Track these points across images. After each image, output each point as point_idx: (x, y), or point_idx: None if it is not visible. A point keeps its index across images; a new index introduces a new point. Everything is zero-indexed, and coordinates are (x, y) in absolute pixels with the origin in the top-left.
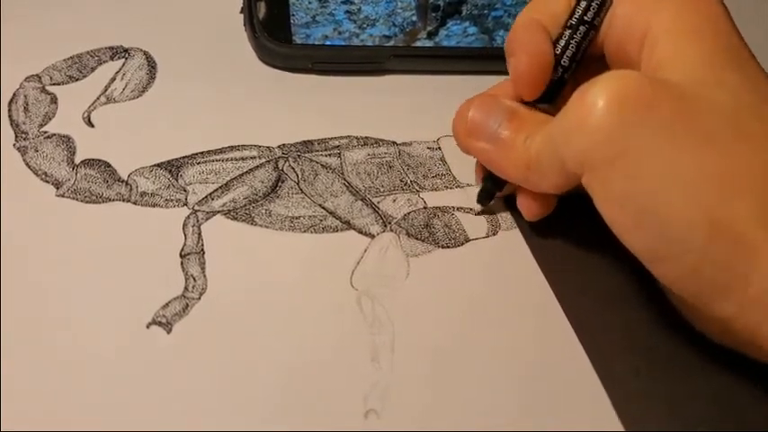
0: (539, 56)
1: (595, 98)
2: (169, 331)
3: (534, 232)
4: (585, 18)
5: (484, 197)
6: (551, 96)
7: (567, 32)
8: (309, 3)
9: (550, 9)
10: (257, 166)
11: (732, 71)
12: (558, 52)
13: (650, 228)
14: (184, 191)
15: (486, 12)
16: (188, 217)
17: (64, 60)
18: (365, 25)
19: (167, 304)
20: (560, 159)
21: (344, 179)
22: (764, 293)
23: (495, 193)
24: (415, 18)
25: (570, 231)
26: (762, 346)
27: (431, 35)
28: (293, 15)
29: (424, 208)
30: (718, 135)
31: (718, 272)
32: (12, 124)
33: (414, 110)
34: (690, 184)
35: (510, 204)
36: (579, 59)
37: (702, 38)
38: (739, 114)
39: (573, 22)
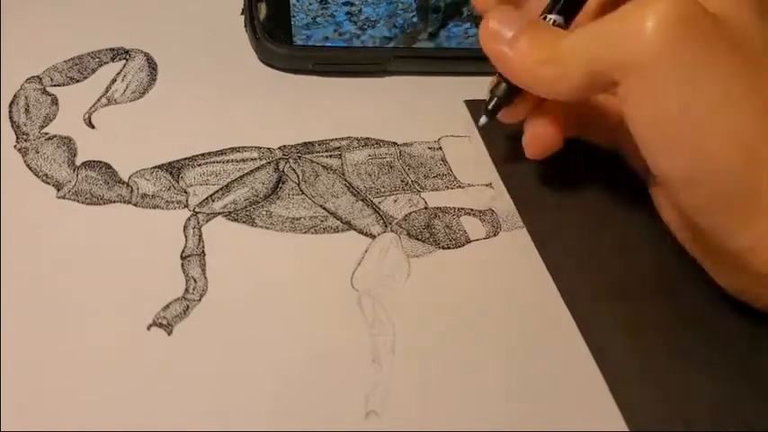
0: None
1: (660, 7)
2: (170, 333)
3: (540, 230)
4: None
5: (493, 108)
6: (570, 9)
7: None
8: (310, 4)
9: None
10: (258, 168)
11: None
12: None
13: (689, 148)
14: (185, 192)
15: None
16: (189, 219)
17: (65, 62)
18: (366, 26)
19: (168, 306)
20: (595, 58)
21: (345, 180)
22: None
23: (504, 104)
24: (415, 19)
25: (575, 228)
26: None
27: (431, 36)
28: (294, 17)
29: (425, 208)
30: (764, 77)
31: (747, 197)
32: (12, 125)
33: (414, 111)
34: (736, 110)
35: (515, 200)
36: None
37: None
38: None
39: None
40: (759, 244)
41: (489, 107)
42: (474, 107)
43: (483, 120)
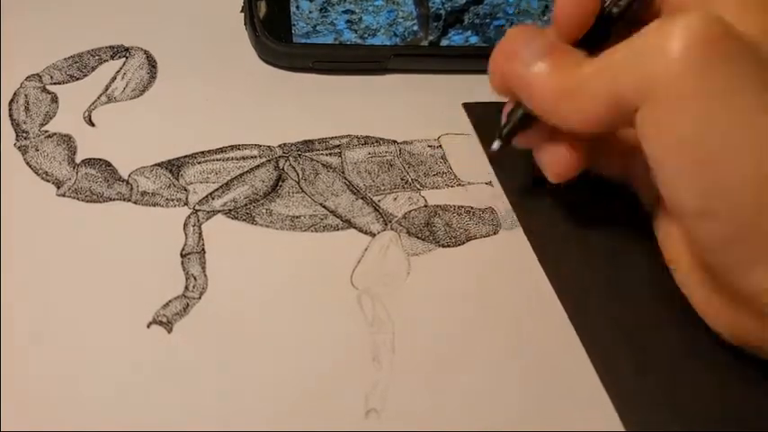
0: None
1: (683, 27)
2: (170, 331)
3: (536, 230)
4: None
5: (508, 134)
6: (593, 43)
7: None
8: (310, 12)
9: None
10: (258, 166)
11: None
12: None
13: (708, 177)
14: (185, 190)
15: (487, 21)
16: (189, 216)
17: (64, 59)
18: (366, 35)
19: (168, 304)
20: (616, 84)
21: (345, 178)
22: None
23: (519, 130)
24: (416, 27)
25: (572, 228)
26: None
27: (432, 45)
28: (294, 25)
29: (425, 206)
30: None
31: (765, 235)
32: (12, 123)
33: (414, 109)
34: (759, 138)
35: (513, 201)
36: (626, 8)
37: (765, 8)
38: None
39: None
40: None
41: (504, 132)
42: (472, 110)
43: (496, 145)
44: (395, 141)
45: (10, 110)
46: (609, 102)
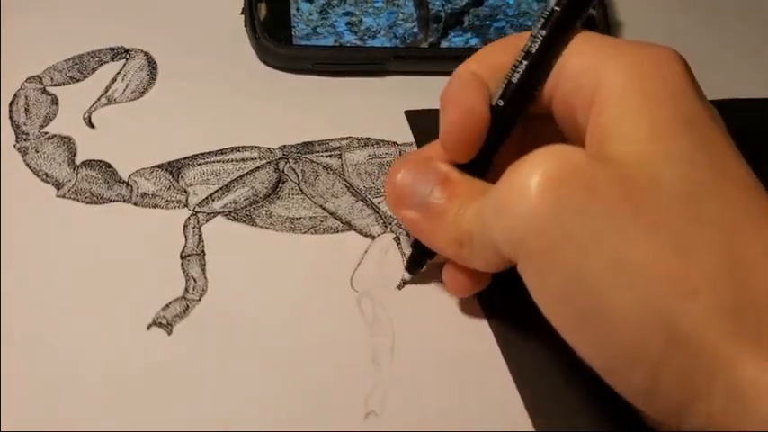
0: (470, 114)
1: (527, 178)
2: (170, 332)
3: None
4: (517, 75)
5: (413, 265)
6: (484, 162)
7: (500, 90)
8: (310, 14)
9: (493, 62)
10: (258, 168)
11: (689, 143)
12: (495, 111)
13: (594, 331)
14: (185, 192)
15: (487, 23)
16: (188, 218)
17: (65, 61)
18: (366, 37)
19: (168, 305)
20: (491, 239)
21: (345, 180)
22: (727, 410)
23: (426, 261)
24: (416, 29)
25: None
26: None
27: (432, 47)
28: (294, 27)
29: None
30: (669, 221)
31: (678, 386)
32: (12, 125)
33: None
34: (639, 280)
35: None
36: (514, 121)
37: (657, 105)
38: (693, 195)
39: (507, 79)
40: (707, 424)
41: (407, 267)
42: (413, 118)
43: (407, 276)
44: (395, 143)
45: (10, 111)
46: (494, 253)
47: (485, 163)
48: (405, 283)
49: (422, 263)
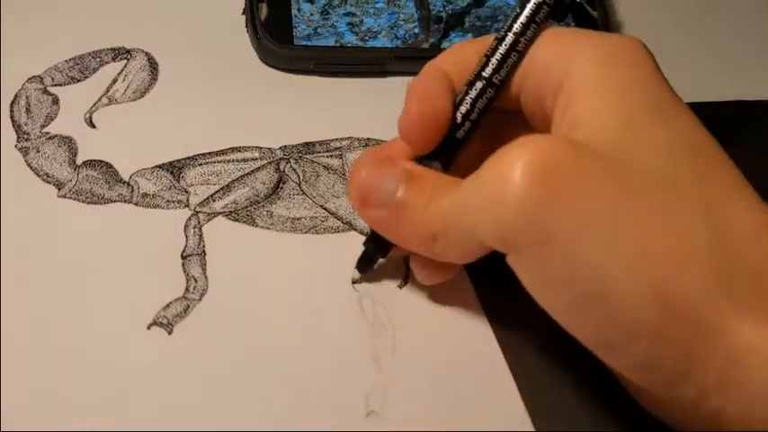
0: (430, 106)
1: (513, 168)
2: (170, 332)
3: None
4: (483, 74)
5: (365, 264)
6: (446, 155)
7: (464, 88)
8: (311, 15)
9: (460, 60)
10: (259, 168)
11: (663, 128)
12: (457, 108)
13: (594, 313)
14: (186, 192)
15: (488, 24)
16: (189, 218)
17: (66, 61)
18: (367, 37)
19: (168, 305)
20: (473, 233)
21: (346, 180)
22: (725, 377)
23: (378, 259)
24: (417, 30)
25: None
26: (722, 430)
27: (433, 47)
28: (295, 27)
29: None
30: (656, 203)
31: (674, 357)
32: (13, 125)
33: None
34: (634, 261)
35: None
36: (476, 118)
37: (627, 92)
38: (676, 176)
39: (471, 77)
40: (703, 396)
41: (358, 265)
42: None
43: (356, 275)
44: None
45: (11, 111)
46: (472, 245)
47: (448, 158)
48: (354, 282)
49: (373, 262)
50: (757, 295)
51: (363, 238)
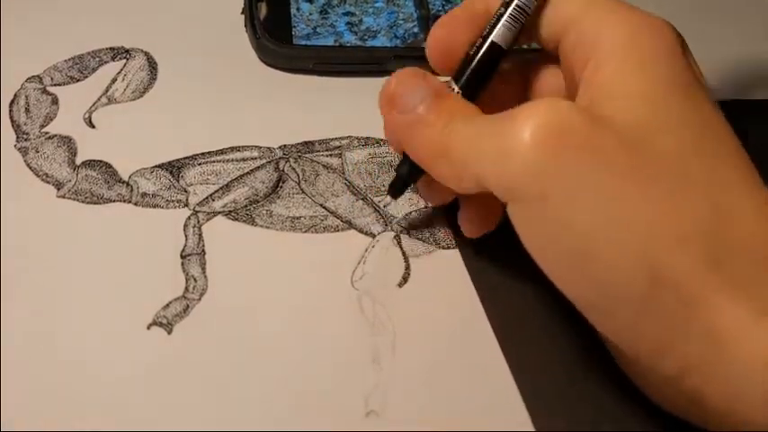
0: (450, 28)
1: (525, 125)
2: (170, 332)
3: (474, 255)
4: (500, 12)
5: (397, 188)
6: (471, 86)
7: (492, 19)
8: (310, 14)
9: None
10: (258, 167)
11: (682, 105)
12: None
13: (585, 272)
14: (185, 192)
15: None
16: (189, 218)
17: (65, 61)
18: (366, 37)
19: (168, 305)
20: (481, 177)
21: (345, 179)
22: (706, 354)
23: (410, 183)
24: (416, 29)
25: (511, 254)
26: (705, 412)
27: None
28: (294, 27)
29: (426, 207)
30: (661, 177)
31: (659, 327)
32: (13, 125)
33: None
34: (630, 227)
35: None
36: (503, 47)
37: (654, 66)
38: (684, 157)
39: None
40: (682, 372)
41: (390, 189)
42: None
43: (388, 200)
44: None
45: (10, 111)
46: (478, 184)
47: (475, 84)
48: (385, 205)
49: (405, 187)
50: (748, 278)
51: (363, 237)
